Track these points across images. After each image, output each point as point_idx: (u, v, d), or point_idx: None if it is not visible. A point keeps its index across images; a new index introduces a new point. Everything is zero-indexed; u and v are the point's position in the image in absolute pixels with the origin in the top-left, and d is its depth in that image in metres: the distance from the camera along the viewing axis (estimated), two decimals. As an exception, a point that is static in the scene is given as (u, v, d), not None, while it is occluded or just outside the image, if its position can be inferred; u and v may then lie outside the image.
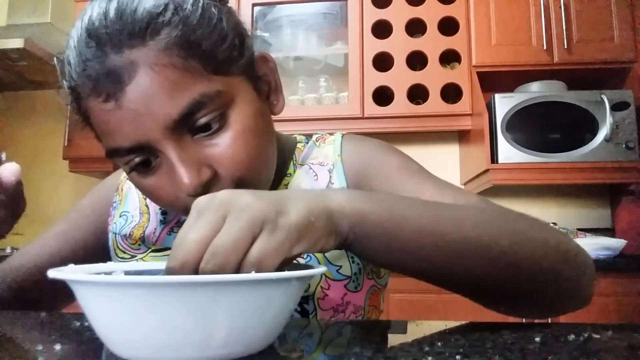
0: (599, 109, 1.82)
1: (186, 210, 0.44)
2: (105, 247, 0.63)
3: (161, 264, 0.43)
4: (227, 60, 0.46)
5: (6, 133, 2.63)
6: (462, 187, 2.23)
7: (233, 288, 0.26)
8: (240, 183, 0.46)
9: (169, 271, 0.31)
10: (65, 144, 2.19)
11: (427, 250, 0.39)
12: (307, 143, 0.63)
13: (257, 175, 0.47)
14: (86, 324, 0.38)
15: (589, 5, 1.96)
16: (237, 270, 0.30)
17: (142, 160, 0.45)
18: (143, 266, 0.41)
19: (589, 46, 1.94)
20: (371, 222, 0.37)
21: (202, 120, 0.43)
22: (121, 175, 0.67)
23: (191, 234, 0.31)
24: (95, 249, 0.63)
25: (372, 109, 2.03)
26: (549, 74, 1.99)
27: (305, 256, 0.53)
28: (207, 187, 0.43)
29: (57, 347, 0.30)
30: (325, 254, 0.54)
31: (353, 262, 0.55)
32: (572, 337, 0.33)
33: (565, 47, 1.93)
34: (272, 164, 0.51)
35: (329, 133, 0.63)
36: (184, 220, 0.55)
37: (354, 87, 2.03)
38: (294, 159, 0.60)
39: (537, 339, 0.32)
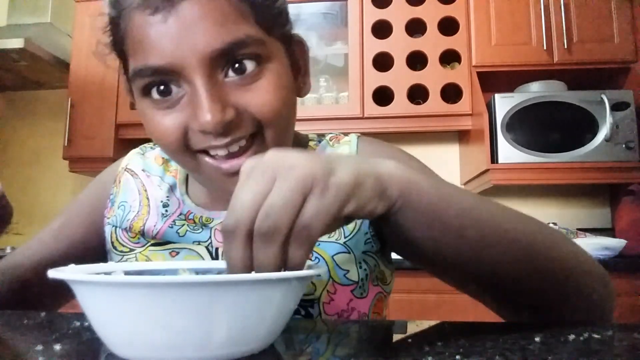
0: (599, 109, 1.82)
1: (184, 150, 0.46)
2: (101, 240, 0.62)
3: (162, 264, 0.43)
4: (274, 20, 0.47)
5: (6, 133, 2.63)
6: (462, 187, 2.24)
7: (233, 288, 0.26)
8: (259, 132, 0.46)
9: (225, 230, 0.31)
10: (65, 144, 2.19)
11: (468, 233, 0.38)
12: (320, 142, 0.62)
13: (278, 131, 0.47)
14: (86, 324, 0.38)
15: (589, 5, 1.96)
16: (291, 229, 0.30)
17: (163, 87, 0.44)
18: (143, 266, 0.41)
19: (589, 46, 1.94)
20: (419, 191, 0.36)
21: (240, 60, 0.44)
22: (119, 166, 0.65)
23: (243, 194, 0.31)
24: (92, 244, 0.62)
25: (372, 109, 2.03)
26: (549, 74, 1.99)
27: (313, 258, 0.53)
28: (226, 129, 0.43)
29: (57, 347, 0.30)
30: (335, 258, 0.54)
31: (360, 267, 0.55)
32: (572, 337, 0.33)
33: (565, 47, 1.93)
34: (290, 137, 0.51)
35: (342, 134, 0.63)
36: (187, 213, 0.55)
37: (354, 87, 2.03)
38: None
39: (537, 339, 0.32)
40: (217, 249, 0.55)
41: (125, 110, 2.19)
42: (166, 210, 0.58)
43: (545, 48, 1.93)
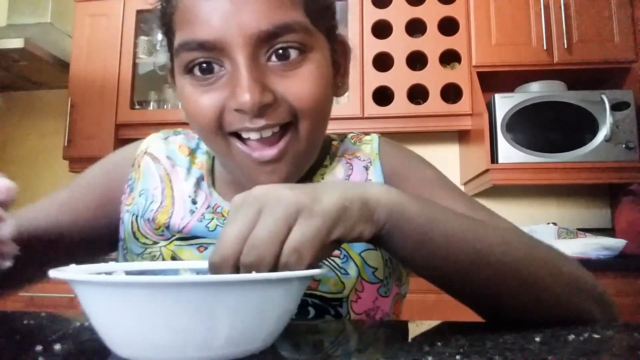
0: (599, 109, 1.82)
1: (217, 131, 0.46)
2: (111, 222, 0.58)
3: (163, 264, 0.42)
4: (321, 13, 0.48)
5: (6, 133, 2.63)
6: (462, 187, 2.23)
7: (233, 288, 0.26)
8: (294, 122, 0.46)
9: (210, 266, 0.32)
10: (65, 144, 2.19)
11: (454, 256, 0.38)
12: (342, 141, 0.63)
13: (313, 123, 0.47)
14: (86, 324, 0.38)
15: (589, 5, 1.96)
16: (277, 260, 0.31)
17: (206, 65, 0.45)
18: (144, 266, 0.41)
19: (589, 46, 1.94)
20: (406, 215, 0.37)
21: (284, 46, 0.44)
22: (137, 149, 0.61)
23: (230, 229, 0.32)
24: (99, 225, 0.57)
25: (372, 109, 2.03)
26: (549, 74, 1.99)
27: (341, 256, 0.53)
28: (262, 111, 0.44)
29: (57, 347, 0.30)
30: (362, 255, 0.53)
31: (386, 265, 0.55)
32: (572, 337, 0.33)
33: (565, 47, 1.93)
34: (323, 133, 0.52)
35: (363, 133, 0.64)
36: (215, 206, 0.55)
37: (354, 87, 2.03)
38: (331, 152, 0.60)
39: (537, 339, 0.32)
40: None
41: (125, 110, 2.19)
42: (195, 207, 0.55)
43: (545, 48, 1.93)
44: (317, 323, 0.43)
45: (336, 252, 0.52)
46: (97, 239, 0.58)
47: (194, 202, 0.55)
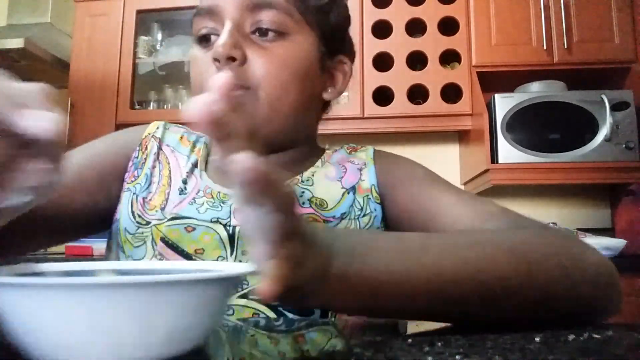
0: (599, 109, 1.82)
1: (206, 82, 0.52)
2: (108, 198, 0.58)
3: (80, 265, 0.36)
4: (313, 9, 0.56)
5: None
6: (462, 187, 2.24)
7: (151, 289, 0.24)
8: (254, 89, 0.52)
9: None
10: (65, 144, 2.19)
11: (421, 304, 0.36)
12: (337, 150, 0.66)
13: (271, 96, 0.53)
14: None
15: (589, 5, 1.96)
16: None
17: (207, 35, 0.55)
18: (64, 267, 0.36)
19: (589, 46, 1.94)
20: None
21: (265, 26, 0.53)
22: (143, 132, 0.63)
23: None
24: (98, 195, 0.58)
25: (372, 109, 2.03)
26: (549, 74, 1.99)
27: None
28: (229, 63, 0.51)
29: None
30: None
31: None
32: (572, 337, 0.33)
33: (565, 47, 1.93)
34: (287, 109, 0.55)
35: (360, 146, 0.67)
36: (204, 188, 0.57)
37: (354, 87, 2.03)
38: (323, 158, 0.63)
39: (537, 339, 0.32)
40: (234, 228, 0.54)
41: (125, 110, 2.19)
42: (185, 187, 0.58)
43: (545, 48, 1.93)
44: (318, 322, 0.43)
45: None
46: (94, 213, 0.58)
47: (185, 182, 0.59)
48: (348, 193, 0.58)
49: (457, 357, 0.27)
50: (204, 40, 0.55)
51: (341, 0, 0.63)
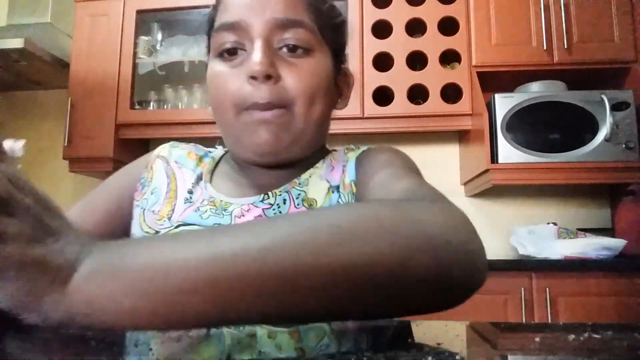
0: (599, 109, 1.82)
1: (234, 104, 0.55)
2: (124, 221, 0.64)
3: None
4: (329, 30, 0.59)
5: (6, 133, 2.63)
6: (462, 187, 2.24)
7: None
8: (290, 106, 0.55)
9: None
10: (65, 144, 2.19)
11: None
12: (337, 151, 0.68)
13: (305, 110, 0.55)
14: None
15: (589, 5, 1.96)
16: None
17: (232, 48, 0.55)
18: None
19: (589, 46, 1.94)
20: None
21: (293, 43, 0.55)
22: (150, 155, 0.68)
23: None
24: (114, 222, 0.64)
25: (372, 109, 2.03)
26: (549, 74, 1.99)
27: None
28: (267, 80, 0.53)
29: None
30: None
31: None
32: (572, 337, 0.33)
33: (565, 47, 1.93)
34: (317, 129, 0.59)
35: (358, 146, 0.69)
36: (208, 197, 0.60)
37: (354, 87, 2.02)
38: (325, 159, 0.66)
39: (537, 339, 0.32)
40: None
41: (125, 110, 2.19)
42: (190, 197, 0.61)
43: (545, 48, 1.93)
44: (317, 322, 0.43)
45: None
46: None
47: (190, 193, 0.62)
48: (333, 192, 0.60)
49: (457, 357, 0.27)
50: (228, 53, 0.56)
51: (345, 18, 0.66)
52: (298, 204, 0.58)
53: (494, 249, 2.11)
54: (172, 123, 2.17)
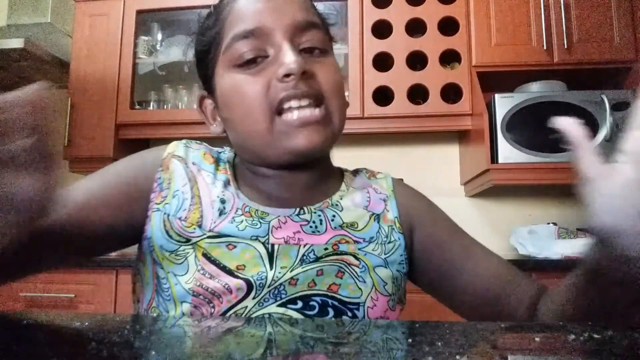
0: (599, 109, 1.83)
1: (263, 109, 0.54)
2: (131, 218, 0.58)
3: None
4: (331, 37, 0.63)
5: (6, 133, 2.62)
6: (462, 187, 2.24)
7: None
8: (321, 98, 0.56)
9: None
10: (65, 144, 2.19)
11: None
12: (355, 174, 0.70)
13: (336, 105, 0.57)
14: (87, 323, 0.38)
15: (589, 5, 1.96)
16: None
17: (253, 56, 0.55)
18: None
19: (589, 46, 1.94)
20: None
21: (310, 45, 0.57)
22: (164, 152, 0.63)
23: None
24: (119, 216, 0.58)
25: (372, 109, 2.03)
26: (549, 74, 1.99)
27: (360, 265, 0.58)
28: (304, 77, 0.54)
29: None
30: (376, 270, 0.58)
31: (394, 283, 0.60)
32: (572, 337, 0.33)
33: (565, 47, 1.93)
34: (342, 123, 0.60)
35: (377, 171, 0.72)
36: (243, 206, 0.59)
37: (354, 87, 2.03)
38: (346, 182, 0.67)
39: (537, 339, 0.32)
40: (273, 246, 0.56)
41: (125, 110, 2.19)
42: (224, 207, 0.58)
43: (545, 48, 1.93)
44: (317, 322, 0.43)
45: (355, 261, 0.58)
46: (114, 233, 0.58)
47: (223, 202, 0.59)
48: (374, 221, 0.62)
49: (457, 357, 0.27)
50: (249, 63, 0.56)
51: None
52: (335, 227, 0.60)
53: (494, 249, 2.10)
54: (172, 123, 2.17)
